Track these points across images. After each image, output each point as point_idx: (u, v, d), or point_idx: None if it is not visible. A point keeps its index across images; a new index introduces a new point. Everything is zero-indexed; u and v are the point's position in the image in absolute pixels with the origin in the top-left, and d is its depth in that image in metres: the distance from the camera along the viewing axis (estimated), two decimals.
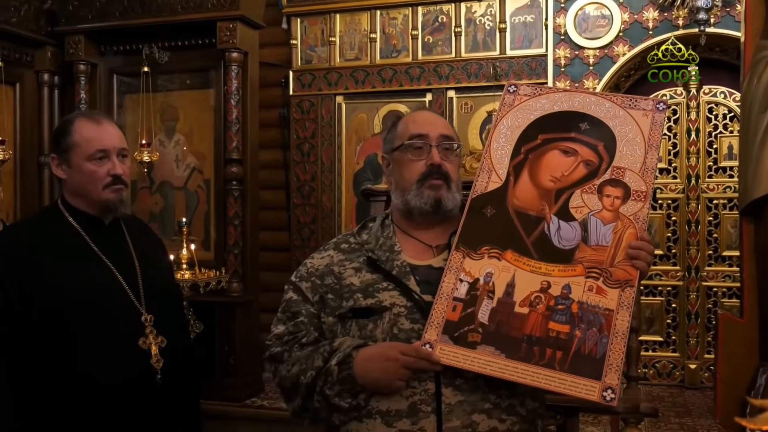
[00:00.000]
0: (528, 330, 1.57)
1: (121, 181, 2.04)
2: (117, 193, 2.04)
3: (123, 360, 1.97)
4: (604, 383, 1.50)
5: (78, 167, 2.01)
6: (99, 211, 2.07)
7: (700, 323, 5.64)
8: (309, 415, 1.68)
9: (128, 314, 2.02)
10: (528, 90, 1.87)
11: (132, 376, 1.97)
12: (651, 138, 1.74)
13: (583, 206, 1.67)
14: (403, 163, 1.77)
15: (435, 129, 1.75)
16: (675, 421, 4.78)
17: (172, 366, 2.06)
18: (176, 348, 2.10)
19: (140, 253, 2.13)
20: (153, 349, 2.01)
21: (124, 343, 1.98)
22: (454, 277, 1.64)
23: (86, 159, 2.00)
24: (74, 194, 2.07)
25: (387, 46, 5.92)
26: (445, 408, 1.54)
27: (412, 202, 1.73)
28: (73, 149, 2.01)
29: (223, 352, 5.13)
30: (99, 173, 2.00)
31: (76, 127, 2.02)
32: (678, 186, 5.75)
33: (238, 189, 5.25)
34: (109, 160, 2.01)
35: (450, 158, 1.76)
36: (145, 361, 2.00)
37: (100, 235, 2.07)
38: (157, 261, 2.23)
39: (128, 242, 2.13)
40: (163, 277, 2.21)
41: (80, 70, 5.56)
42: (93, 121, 2.04)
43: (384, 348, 1.58)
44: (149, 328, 2.03)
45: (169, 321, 2.11)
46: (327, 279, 1.74)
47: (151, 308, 2.06)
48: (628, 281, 1.59)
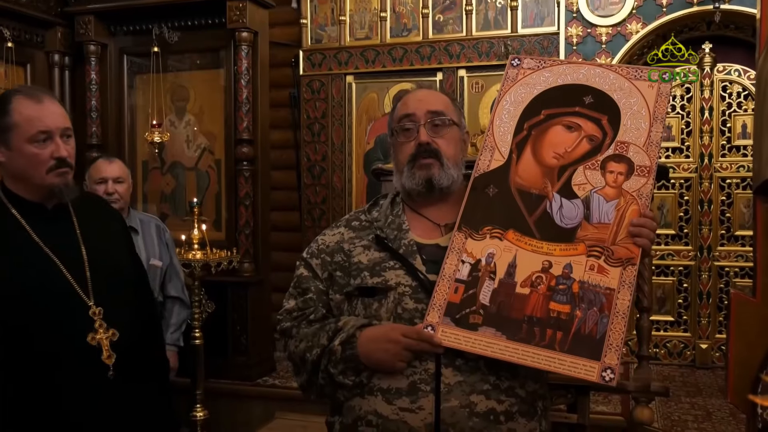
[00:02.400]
0: (529, 311, 1.57)
1: (67, 164, 1.87)
2: (62, 177, 1.86)
3: (69, 358, 1.81)
4: (603, 363, 1.50)
5: (18, 150, 1.83)
6: (42, 197, 1.90)
7: (712, 303, 5.63)
8: (315, 390, 1.70)
9: (74, 309, 1.86)
10: (532, 63, 1.84)
11: (80, 374, 1.82)
12: (656, 110, 1.71)
13: (585, 183, 1.66)
14: (396, 146, 1.78)
15: (422, 106, 1.74)
16: (686, 400, 4.79)
17: (128, 359, 1.91)
18: (132, 340, 1.94)
19: (89, 240, 1.95)
20: (104, 343, 1.86)
21: (70, 341, 1.82)
22: (456, 258, 1.64)
23: (27, 141, 1.82)
24: (14, 179, 1.88)
25: (397, 24, 5.87)
26: (444, 388, 1.55)
27: (407, 184, 1.74)
28: (12, 130, 1.82)
29: (235, 332, 5.17)
30: (42, 156, 1.83)
31: (15, 106, 1.83)
32: (691, 165, 5.70)
33: (249, 169, 5.25)
34: (52, 142, 1.83)
35: (441, 134, 1.74)
36: (95, 357, 1.85)
37: (43, 224, 1.89)
38: (111, 246, 2.05)
39: (75, 229, 1.95)
40: (116, 265, 2.02)
41: (90, 51, 5.55)
42: (33, 99, 1.84)
43: (386, 329, 1.60)
44: (98, 322, 1.87)
45: (122, 312, 1.94)
46: (336, 256, 1.75)
47: (101, 300, 1.90)
48: (629, 259, 1.58)
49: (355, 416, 1.63)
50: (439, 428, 1.54)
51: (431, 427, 1.54)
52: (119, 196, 3.24)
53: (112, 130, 5.64)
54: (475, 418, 1.54)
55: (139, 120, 5.70)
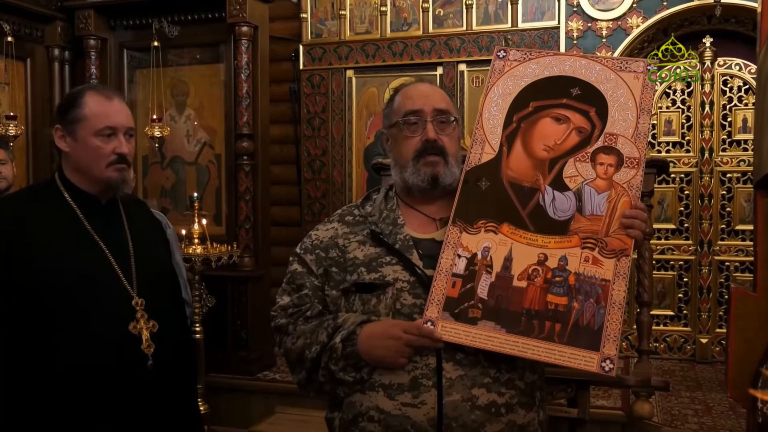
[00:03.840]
0: (527, 304, 1.57)
1: (126, 161, 1.95)
2: (120, 173, 1.95)
3: (111, 345, 1.87)
4: (603, 354, 1.51)
5: (83, 141, 1.92)
6: (99, 189, 1.98)
7: (712, 297, 5.63)
8: (314, 387, 1.70)
9: (119, 298, 1.93)
10: (518, 55, 1.85)
11: (121, 361, 1.88)
12: (643, 101, 1.72)
13: (576, 175, 1.66)
14: (399, 140, 1.76)
15: (429, 103, 1.73)
16: (686, 395, 4.80)
17: (165, 351, 1.97)
18: (169, 333, 2.01)
19: (136, 236, 2.04)
20: (144, 333, 1.93)
21: (113, 327, 1.89)
22: (452, 252, 1.64)
23: (93, 134, 1.91)
24: (74, 170, 1.98)
25: (397, 19, 5.86)
26: (446, 382, 1.56)
27: (410, 180, 1.72)
28: (81, 122, 1.92)
29: (235, 326, 5.17)
30: (105, 150, 1.92)
31: (87, 100, 1.93)
32: (691, 159, 5.70)
33: (249, 164, 5.25)
34: (116, 138, 1.93)
35: (446, 132, 1.74)
36: (135, 346, 1.91)
37: (96, 215, 1.98)
38: (154, 244, 2.15)
39: (124, 224, 2.04)
40: (158, 261, 2.12)
41: (90, 45, 5.55)
42: (104, 96, 1.96)
43: (387, 326, 1.60)
44: (140, 312, 1.94)
45: (161, 305, 2.02)
46: (331, 252, 1.75)
47: (144, 292, 1.97)
48: (623, 251, 1.59)
49: (355, 412, 1.63)
50: (442, 422, 1.54)
51: (434, 421, 1.55)
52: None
53: None
54: (477, 411, 1.55)
55: (139, 114, 5.69)
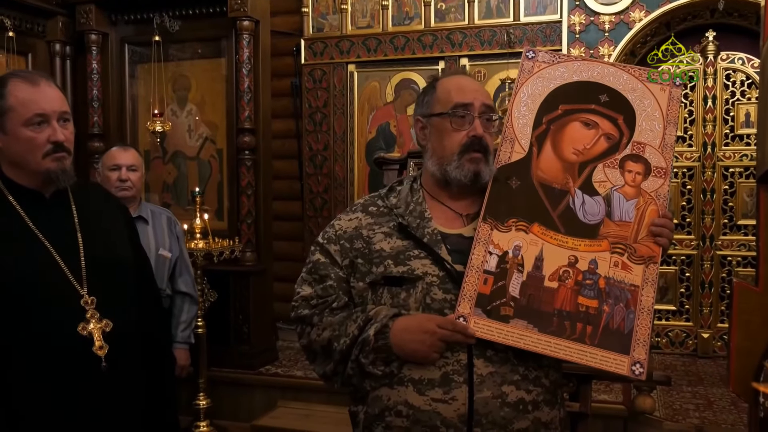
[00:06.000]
0: (558, 304, 1.60)
1: (64, 149, 1.81)
2: (59, 162, 1.81)
3: (58, 349, 1.75)
4: (633, 357, 1.55)
5: (14, 134, 1.78)
6: (39, 183, 1.85)
7: (714, 292, 5.63)
8: (340, 379, 1.69)
9: (65, 298, 1.79)
10: (546, 57, 1.85)
11: (70, 365, 1.75)
12: (669, 113, 1.76)
13: (606, 181, 1.69)
14: (443, 132, 1.72)
15: (480, 98, 1.71)
16: (687, 389, 4.80)
17: (122, 351, 1.84)
18: (128, 331, 1.88)
19: (86, 229, 1.90)
20: (95, 334, 1.79)
21: (59, 330, 1.76)
22: (483, 249, 1.64)
23: (23, 124, 1.77)
24: (12, 165, 1.83)
25: (399, 13, 5.85)
26: (477, 379, 1.56)
27: (452, 174, 1.70)
28: (8, 113, 1.77)
29: (237, 321, 5.18)
30: (38, 140, 1.78)
31: (11, 89, 1.78)
32: (693, 154, 5.69)
33: (250, 158, 5.24)
34: (48, 125, 1.79)
35: (489, 130, 1.72)
36: (86, 348, 1.78)
37: (39, 211, 1.84)
38: (110, 235, 1.98)
39: (74, 217, 1.90)
40: (113, 255, 1.95)
41: (92, 40, 5.54)
42: (29, 82, 1.80)
43: (421, 320, 1.59)
44: (91, 312, 1.81)
45: (117, 302, 1.88)
46: (356, 243, 1.72)
47: (95, 290, 1.83)
48: (651, 257, 1.62)
49: (382, 406, 1.63)
50: (472, 418, 1.55)
51: (464, 417, 1.55)
52: (132, 183, 3.27)
53: (113, 119, 5.64)
54: (507, 408, 1.56)
55: (140, 109, 5.69)
